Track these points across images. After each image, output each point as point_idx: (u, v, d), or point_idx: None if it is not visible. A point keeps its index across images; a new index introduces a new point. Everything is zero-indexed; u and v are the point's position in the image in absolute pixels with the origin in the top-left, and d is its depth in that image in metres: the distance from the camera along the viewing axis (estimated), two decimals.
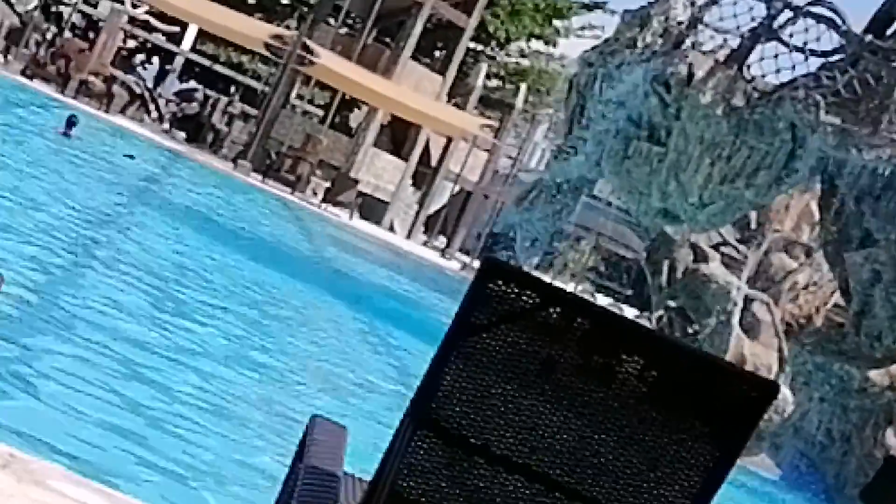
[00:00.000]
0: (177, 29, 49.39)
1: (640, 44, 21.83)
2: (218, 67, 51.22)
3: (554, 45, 57.61)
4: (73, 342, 10.02)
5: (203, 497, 7.92)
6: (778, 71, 21.09)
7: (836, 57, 20.72)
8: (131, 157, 29.69)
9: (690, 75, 20.77)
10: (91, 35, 46.25)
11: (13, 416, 7.52)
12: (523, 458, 3.80)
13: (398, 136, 46.77)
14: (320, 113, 48.66)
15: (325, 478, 4.00)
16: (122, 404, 8.89)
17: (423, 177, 46.73)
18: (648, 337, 3.95)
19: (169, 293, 14.60)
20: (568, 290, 3.87)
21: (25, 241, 13.60)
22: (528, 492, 3.82)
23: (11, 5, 43.60)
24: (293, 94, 46.27)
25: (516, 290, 3.70)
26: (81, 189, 20.83)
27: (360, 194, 42.41)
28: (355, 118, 49.07)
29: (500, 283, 3.70)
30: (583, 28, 56.88)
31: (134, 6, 47.19)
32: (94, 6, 48.65)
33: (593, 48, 23.92)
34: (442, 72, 47.13)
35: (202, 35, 50.28)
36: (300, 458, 4.24)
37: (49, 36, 42.68)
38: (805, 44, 21.10)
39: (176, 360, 10.97)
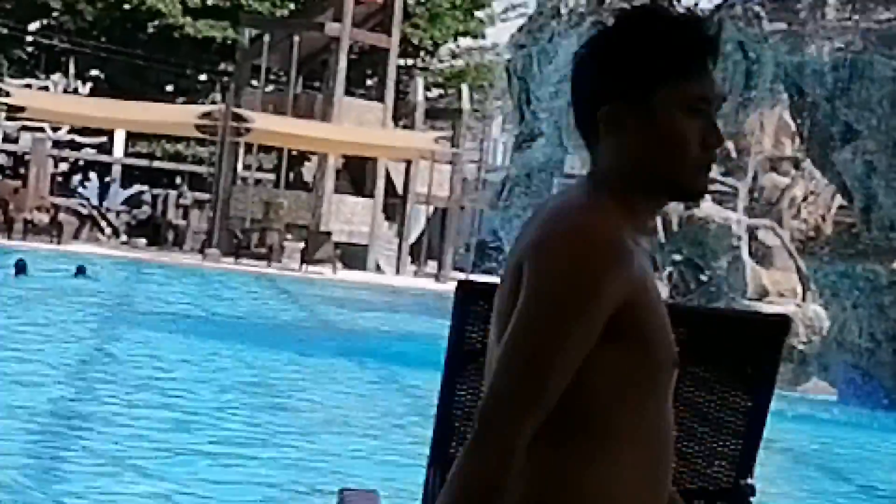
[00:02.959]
0: (104, 139, 49.45)
1: (563, 11, 21.87)
2: (157, 164, 51.22)
3: (483, 37, 57.66)
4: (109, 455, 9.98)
5: None
6: None
7: None
8: (83, 271, 29.54)
9: None
10: (21, 171, 46.21)
11: None
12: None
13: (356, 175, 46.80)
14: (272, 177, 48.62)
15: None
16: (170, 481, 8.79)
17: (394, 208, 46.72)
18: None
19: (184, 400, 14.53)
20: None
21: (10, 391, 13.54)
22: None
23: None
24: (240, 167, 46.25)
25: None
26: (52, 325, 20.77)
27: (337, 245, 42.36)
28: (308, 171, 49.10)
29: (481, 302, 3.70)
30: (506, 10, 56.97)
31: (54, 130, 47.26)
32: (15, 141, 48.61)
33: (520, 29, 23.96)
34: (380, 98, 47.20)
35: (132, 136, 50.35)
36: None
37: None
38: None
39: (209, 452, 10.93)
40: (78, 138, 49.41)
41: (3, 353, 17.32)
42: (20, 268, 28.27)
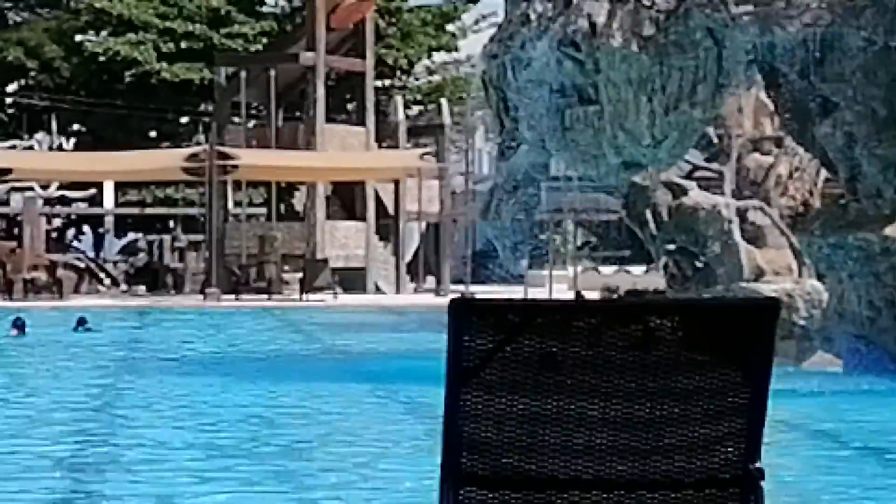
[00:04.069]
0: (94, 191, 49.50)
1: (532, 17, 21.89)
2: (149, 210, 51.32)
3: (456, 50, 57.78)
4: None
5: None
6: None
7: None
8: (84, 323, 29.50)
9: (592, 25, 20.84)
10: (15, 231, 46.24)
11: None
12: (570, 470, 3.81)
13: (346, 200, 46.86)
14: (264, 210, 48.66)
15: None
16: None
17: (387, 228, 46.76)
18: (635, 307, 3.99)
19: (207, 441, 14.54)
20: (530, 298, 3.92)
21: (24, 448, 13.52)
22: (589, 499, 3.84)
23: None
24: (231, 205, 46.29)
25: (491, 317, 3.74)
26: (54, 378, 20.83)
27: (335, 271, 42.39)
28: (299, 200, 49.15)
29: (473, 318, 3.73)
30: (477, 22, 57.08)
31: (44, 188, 47.30)
32: (6, 203, 48.65)
33: (492, 39, 23.99)
34: (361, 121, 47.23)
35: (121, 186, 50.41)
36: None
37: None
38: None
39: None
40: (68, 193, 49.46)
41: (10, 402, 17.41)
42: (19, 326, 28.24)
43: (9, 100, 59.04)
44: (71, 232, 52.55)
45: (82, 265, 44.05)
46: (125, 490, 12.19)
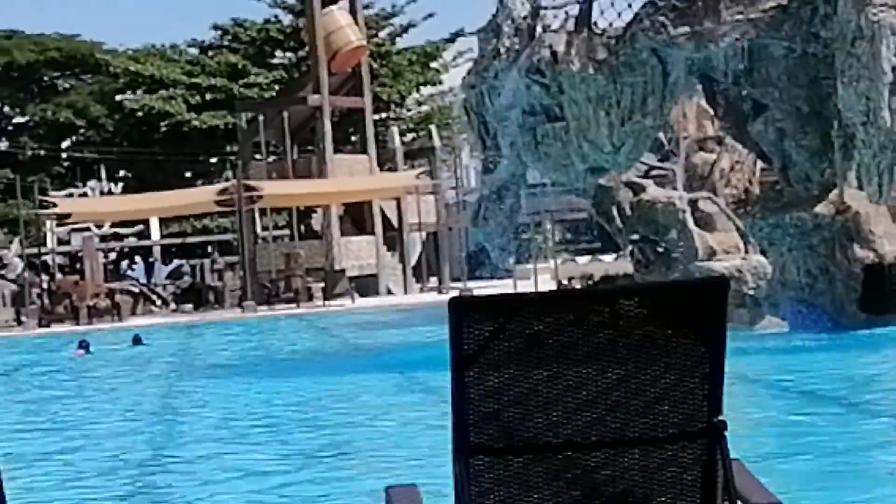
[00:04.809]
0: (141, 226, 49.51)
1: (502, 50, 21.88)
2: (189, 239, 51.29)
3: (440, 83, 57.81)
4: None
5: None
6: (619, 14, 21.21)
7: None
8: (139, 340, 29.51)
9: (554, 54, 20.84)
10: (78, 266, 46.24)
11: None
12: (561, 435, 3.79)
13: (356, 218, 46.79)
14: (287, 232, 48.66)
15: None
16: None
17: (393, 239, 46.75)
18: (606, 293, 4.00)
19: (265, 424, 14.55)
20: (514, 294, 3.91)
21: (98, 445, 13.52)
22: (580, 461, 3.83)
23: (3, 277, 43.60)
24: (259, 229, 46.25)
25: (485, 310, 3.74)
26: (116, 389, 20.89)
27: (351, 279, 42.44)
28: (316, 221, 49.11)
29: (471, 311, 3.73)
30: (455, 58, 57.04)
31: (98, 227, 47.28)
32: (68, 243, 48.64)
33: (469, 71, 23.98)
34: (364, 150, 47.20)
35: (164, 220, 50.40)
36: None
37: (45, 285, 42.66)
38: None
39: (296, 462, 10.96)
40: (120, 230, 49.46)
41: (82, 411, 17.39)
42: (85, 347, 28.27)
43: (63, 154, 59.00)
44: (125, 263, 52.49)
45: (136, 290, 44.04)
46: (192, 470, 12.22)
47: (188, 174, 56.43)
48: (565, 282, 34.57)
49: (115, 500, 11.09)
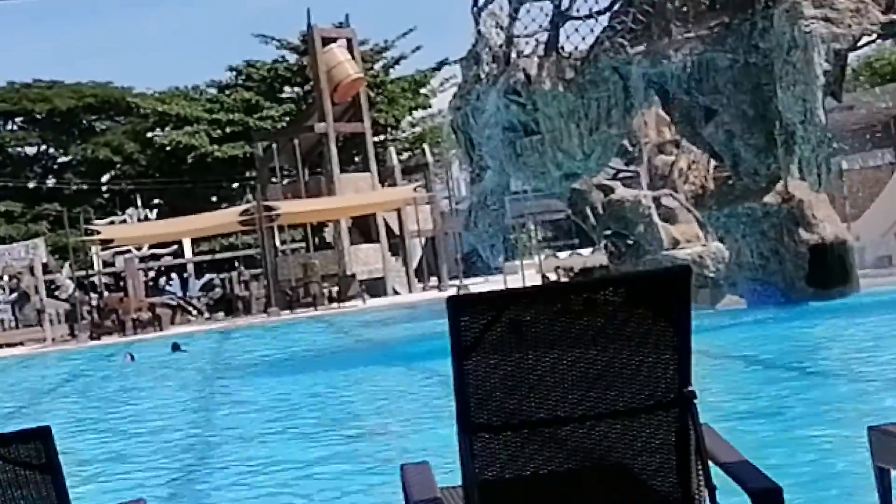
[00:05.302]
0: (175, 247, 49.50)
1: (482, 75, 21.89)
2: (218, 255, 51.30)
3: (430, 107, 57.91)
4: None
5: None
6: (583, 38, 21.21)
7: (616, 7, 20.86)
8: (179, 347, 29.52)
9: (528, 76, 20.86)
10: (121, 284, 46.23)
11: None
12: (551, 410, 3.79)
13: (363, 228, 46.79)
14: (303, 244, 48.68)
15: (430, 502, 4.01)
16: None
17: (396, 245, 46.77)
18: (583, 285, 3.99)
19: (300, 411, 14.55)
20: (503, 290, 3.92)
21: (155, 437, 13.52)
22: (569, 433, 3.83)
23: (57, 298, 43.60)
24: (278, 243, 46.25)
25: (479, 306, 3.74)
26: (161, 388, 20.87)
27: (361, 282, 42.44)
28: (328, 234, 49.12)
29: (467, 307, 3.73)
30: (442, 84, 57.09)
31: (138, 249, 47.29)
32: (112, 265, 48.63)
33: (454, 95, 23.99)
34: (366, 169, 47.21)
35: (195, 240, 50.40)
36: (406, 495, 4.23)
37: (94, 303, 42.64)
38: (590, 10, 21.25)
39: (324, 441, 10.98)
40: (157, 251, 49.43)
41: (131, 411, 17.40)
42: (131, 356, 28.36)
43: (104, 187, 59.03)
44: (162, 279, 52.38)
45: (174, 303, 44.00)
46: (231, 452, 12.22)
47: (213, 199, 56.44)
48: (549, 275, 34.55)
49: (166, 479, 11.11)
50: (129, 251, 46.75)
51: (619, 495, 3.89)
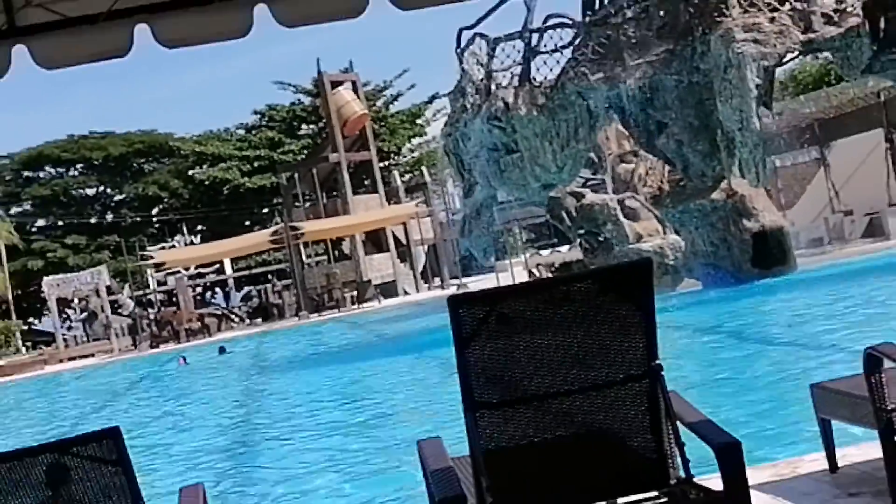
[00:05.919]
0: (217, 265, 49.46)
1: (468, 106, 21.91)
2: (254, 270, 51.25)
3: (425, 134, 57.81)
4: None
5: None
6: (551, 69, 21.24)
7: (577, 41, 20.89)
8: (224, 350, 29.51)
9: (506, 104, 20.88)
10: (174, 300, 46.20)
11: None
12: (541, 386, 3.78)
13: (375, 240, 46.79)
14: (325, 257, 48.65)
15: (444, 471, 4.01)
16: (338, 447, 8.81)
17: (404, 253, 46.77)
18: (562, 279, 3.99)
19: (335, 398, 14.56)
20: (495, 287, 3.91)
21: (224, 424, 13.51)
22: (557, 405, 3.81)
23: (120, 314, 43.59)
24: (304, 257, 46.24)
25: (474, 303, 3.74)
26: (211, 385, 20.86)
27: (376, 286, 42.43)
28: (346, 247, 49.11)
29: (464, 304, 3.73)
30: (434, 115, 57.04)
31: (186, 269, 47.26)
32: (164, 284, 48.59)
33: (445, 124, 24.03)
34: (375, 190, 47.23)
35: (234, 259, 50.33)
36: (424, 466, 4.23)
37: (151, 317, 42.63)
38: (556, 45, 21.25)
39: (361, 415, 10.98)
40: (202, 270, 49.38)
41: (190, 407, 17.40)
42: (184, 359, 28.38)
43: (154, 219, 59.00)
44: (208, 293, 52.44)
45: (219, 313, 43.98)
46: (275, 432, 12.20)
47: (247, 223, 56.32)
48: (533, 270, 34.53)
49: (222, 456, 11.11)
50: (178, 271, 46.74)
51: (604, 456, 3.88)
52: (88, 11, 4.11)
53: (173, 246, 55.23)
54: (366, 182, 50.32)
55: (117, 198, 59.62)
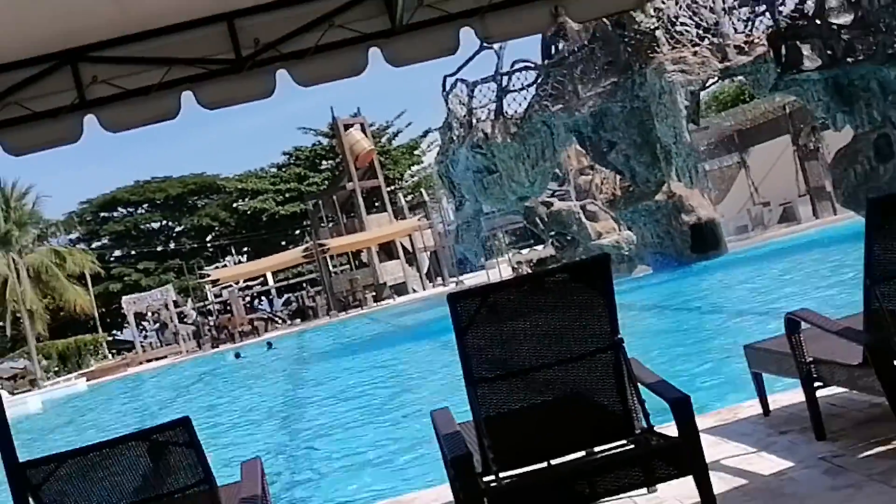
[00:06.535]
0: (261, 279, 49.41)
1: (455, 137, 21.90)
2: (291, 281, 51.19)
3: (422, 162, 57.76)
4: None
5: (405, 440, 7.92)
6: (520, 105, 21.21)
7: (539, 80, 20.88)
8: (270, 345, 29.47)
9: (485, 135, 20.87)
10: (228, 308, 46.15)
11: None
12: (525, 361, 3.77)
13: (387, 250, 46.76)
14: (347, 266, 48.60)
15: (453, 435, 4.01)
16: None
17: (411, 259, 46.74)
18: (539, 274, 3.99)
19: (364, 379, 14.54)
20: (484, 284, 3.92)
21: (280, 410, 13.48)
22: (541, 376, 3.80)
23: (185, 322, 43.54)
24: (331, 267, 46.22)
25: (471, 297, 3.74)
26: (261, 376, 20.80)
27: (391, 287, 42.43)
28: (364, 256, 49.08)
29: (460, 299, 3.73)
30: (429, 146, 56.99)
31: (236, 283, 47.20)
32: (220, 296, 48.55)
33: (438, 153, 24.03)
34: (384, 210, 47.22)
35: (275, 273, 50.30)
36: (437, 432, 4.23)
37: (211, 323, 42.59)
38: (522, 84, 21.24)
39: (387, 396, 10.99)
40: (249, 283, 49.31)
41: (246, 395, 17.40)
42: (238, 356, 28.36)
43: (208, 244, 58.95)
44: (256, 301, 52.40)
45: (265, 317, 43.95)
46: (318, 409, 12.16)
47: (283, 243, 56.27)
48: (516, 266, 34.51)
49: (274, 432, 11.09)
50: (230, 285, 46.68)
51: (581, 414, 3.88)
52: (143, 84, 4.14)
53: (225, 265, 55.14)
54: (376, 204, 50.32)
55: (177, 229, 59.55)
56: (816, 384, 4.41)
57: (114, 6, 3.82)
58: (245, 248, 58.40)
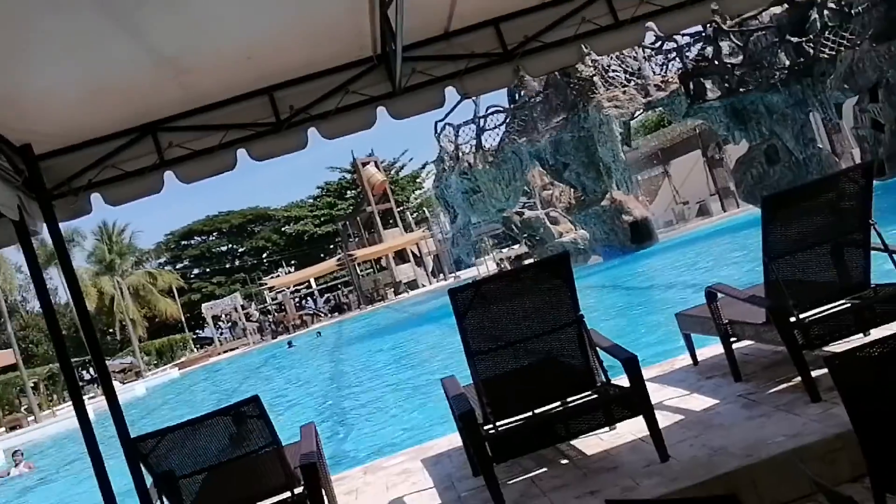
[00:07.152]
0: (307, 283, 49.30)
1: (446, 167, 21.88)
2: (329, 284, 51.06)
3: (423, 187, 57.65)
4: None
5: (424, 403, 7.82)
6: (493, 139, 21.15)
7: (507, 120, 20.85)
8: (319, 334, 29.36)
9: (469, 164, 20.83)
10: (282, 307, 46.03)
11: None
12: (510, 336, 3.78)
13: (400, 256, 46.63)
14: (371, 270, 48.46)
15: (459, 396, 4.01)
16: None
17: (420, 261, 46.65)
18: (517, 269, 3.98)
19: (390, 359, 14.47)
20: (475, 278, 3.93)
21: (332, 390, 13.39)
22: (524, 346, 3.80)
23: (251, 321, 43.39)
24: (359, 272, 46.11)
25: (466, 290, 3.74)
26: (312, 360, 20.63)
27: (405, 284, 42.31)
28: (383, 262, 48.97)
29: (458, 292, 3.73)
30: (427, 174, 56.87)
31: (287, 288, 47.07)
32: (276, 299, 48.43)
33: (434, 180, 23.97)
34: (396, 226, 47.13)
35: (317, 279, 50.16)
36: (447, 394, 4.23)
37: (271, 319, 42.48)
38: (495, 124, 21.20)
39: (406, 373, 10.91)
40: (297, 287, 49.16)
41: (299, 373, 17.36)
42: (290, 344, 28.27)
43: (265, 261, 58.86)
44: (303, 301, 52.27)
45: (311, 313, 43.86)
46: (356, 379, 12.07)
47: (321, 255, 56.20)
48: (499, 262, 34.43)
49: (323, 406, 11.03)
50: (283, 290, 46.60)
51: (555, 374, 3.89)
52: (207, 145, 4.19)
53: (278, 275, 54.98)
54: (390, 221, 50.23)
55: (240, 250, 59.40)
56: (732, 339, 4.42)
57: (180, 90, 3.88)
58: (292, 262, 58.30)
